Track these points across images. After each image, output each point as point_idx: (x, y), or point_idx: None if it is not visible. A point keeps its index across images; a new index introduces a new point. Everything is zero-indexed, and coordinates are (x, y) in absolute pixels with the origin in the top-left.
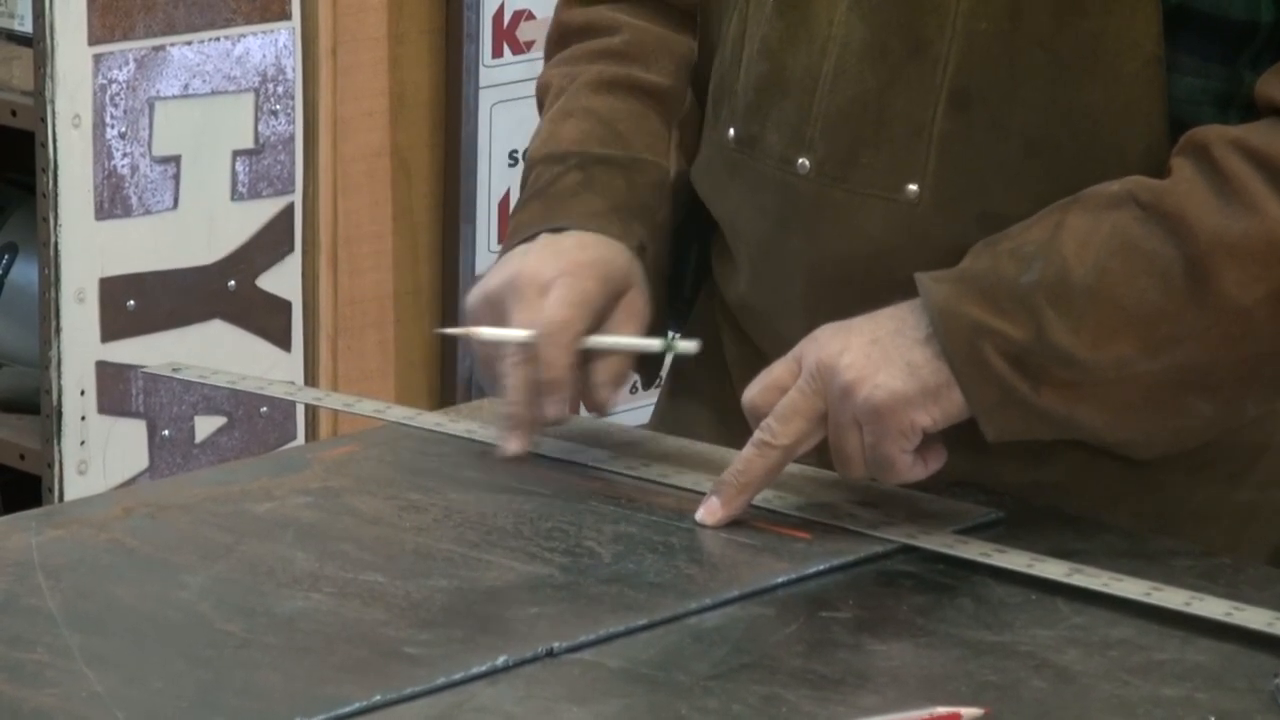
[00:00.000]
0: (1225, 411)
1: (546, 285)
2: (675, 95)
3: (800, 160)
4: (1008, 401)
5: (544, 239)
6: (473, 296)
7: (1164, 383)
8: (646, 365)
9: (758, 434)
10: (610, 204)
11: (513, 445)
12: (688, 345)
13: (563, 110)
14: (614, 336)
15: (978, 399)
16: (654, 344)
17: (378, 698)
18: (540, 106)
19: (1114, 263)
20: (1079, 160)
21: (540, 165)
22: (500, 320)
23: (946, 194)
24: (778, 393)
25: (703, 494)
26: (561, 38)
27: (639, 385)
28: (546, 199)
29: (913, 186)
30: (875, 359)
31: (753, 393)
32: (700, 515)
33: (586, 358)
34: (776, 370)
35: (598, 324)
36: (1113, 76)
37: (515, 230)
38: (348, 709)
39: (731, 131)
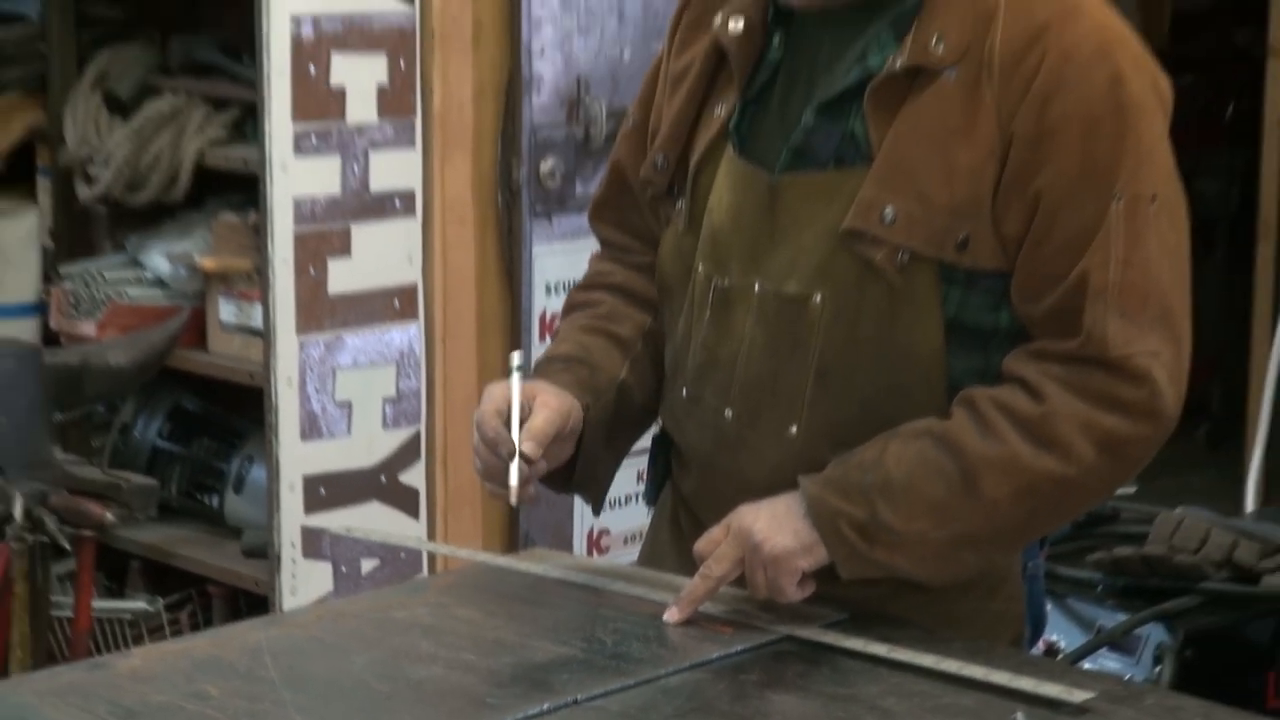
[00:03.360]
0: (984, 562)
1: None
2: (631, 342)
3: (726, 411)
4: (854, 555)
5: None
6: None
7: (947, 545)
8: (555, 480)
9: (701, 569)
10: (575, 380)
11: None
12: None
13: (562, 338)
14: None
15: (836, 553)
16: (514, 358)
17: None
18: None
19: (918, 471)
20: (896, 410)
21: (545, 363)
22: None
23: (814, 434)
24: (714, 545)
25: (667, 604)
26: (570, 308)
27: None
28: (544, 376)
29: (794, 429)
30: (774, 527)
31: (699, 545)
32: (666, 617)
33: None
34: (714, 532)
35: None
36: (914, 362)
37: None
38: None
39: (684, 391)
